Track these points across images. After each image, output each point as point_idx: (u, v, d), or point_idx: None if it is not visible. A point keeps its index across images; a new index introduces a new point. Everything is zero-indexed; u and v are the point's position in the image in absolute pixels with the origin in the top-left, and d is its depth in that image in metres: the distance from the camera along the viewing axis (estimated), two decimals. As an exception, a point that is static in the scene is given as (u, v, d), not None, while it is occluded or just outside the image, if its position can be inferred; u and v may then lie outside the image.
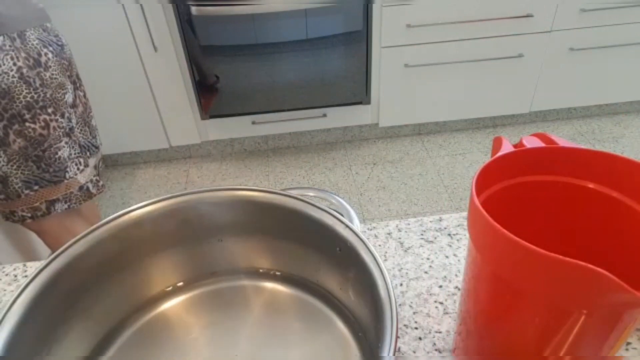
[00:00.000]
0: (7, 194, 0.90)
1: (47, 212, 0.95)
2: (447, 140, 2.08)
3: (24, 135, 0.85)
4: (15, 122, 0.84)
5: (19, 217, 0.94)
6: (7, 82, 0.80)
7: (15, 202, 0.92)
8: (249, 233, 0.48)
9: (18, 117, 0.83)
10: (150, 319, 0.47)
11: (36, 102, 0.85)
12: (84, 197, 0.99)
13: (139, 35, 1.66)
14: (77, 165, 0.96)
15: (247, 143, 2.10)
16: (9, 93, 0.81)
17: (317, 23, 1.66)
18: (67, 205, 0.97)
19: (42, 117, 0.86)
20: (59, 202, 0.96)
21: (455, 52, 1.80)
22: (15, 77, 0.81)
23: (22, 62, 0.82)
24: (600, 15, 1.76)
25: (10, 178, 0.88)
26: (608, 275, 0.23)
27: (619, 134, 2.05)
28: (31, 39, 0.83)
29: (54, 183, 0.93)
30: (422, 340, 0.44)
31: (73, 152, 0.95)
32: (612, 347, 0.30)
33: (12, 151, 0.86)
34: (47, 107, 0.87)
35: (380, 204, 1.78)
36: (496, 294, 0.31)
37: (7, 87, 0.81)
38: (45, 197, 0.93)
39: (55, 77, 0.88)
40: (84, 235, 0.41)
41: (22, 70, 0.82)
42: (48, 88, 0.86)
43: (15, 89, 0.81)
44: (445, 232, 0.56)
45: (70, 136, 0.94)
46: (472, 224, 0.31)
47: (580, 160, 0.34)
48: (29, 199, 0.92)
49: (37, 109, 0.85)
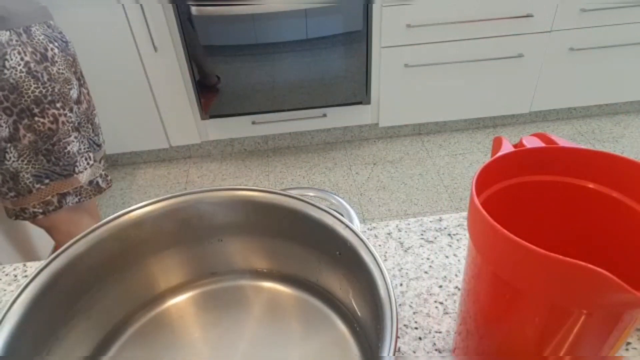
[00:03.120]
0: (18, 190, 0.90)
1: (58, 206, 0.95)
2: (447, 140, 2.08)
3: (33, 129, 0.86)
4: (24, 117, 0.84)
5: (30, 213, 0.94)
6: (15, 77, 0.80)
7: (26, 197, 0.92)
8: (249, 233, 0.48)
9: (27, 112, 0.84)
10: (150, 319, 0.47)
11: (44, 96, 0.85)
12: (94, 192, 1.00)
13: (139, 35, 1.66)
14: (87, 160, 0.97)
15: (247, 143, 2.10)
16: (17, 88, 0.81)
17: (317, 23, 1.66)
18: (77, 199, 0.97)
19: (50, 111, 0.87)
20: (70, 195, 0.96)
21: (455, 52, 1.80)
22: (23, 71, 0.81)
23: (29, 57, 0.82)
24: (600, 15, 1.76)
25: (21, 173, 0.88)
26: (608, 275, 0.23)
27: (619, 134, 2.05)
28: (37, 34, 0.84)
29: (64, 177, 0.93)
30: (422, 340, 0.44)
31: (82, 147, 0.95)
32: (612, 347, 0.30)
33: (22, 146, 0.86)
34: (55, 102, 0.87)
35: (380, 204, 1.78)
36: (496, 294, 0.31)
37: (16, 82, 0.81)
38: (56, 190, 0.93)
39: (61, 72, 0.88)
40: (84, 235, 0.41)
41: (29, 65, 0.82)
42: (56, 83, 0.87)
43: (23, 83, 0.82)
44: (445, 232, 0.56)
45: (79, 131, 0.94)
46: (472, 224, 0.31)
47: (580, 160, 0.34)
48: (41, 193, 0.92)
49: (45, 104, 0.86)
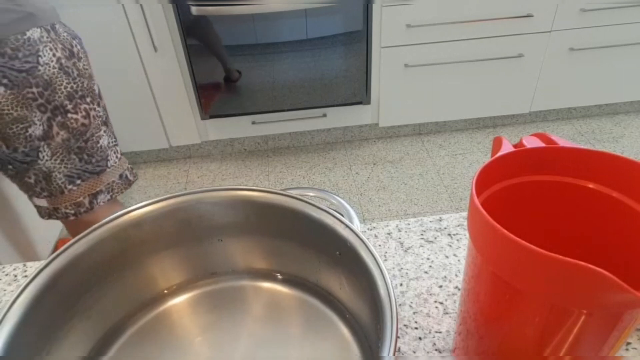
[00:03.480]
0: (51, 190, 0.90)
1: (89, 208, 0.94)
2: (447, 140, 2.08)
3: (66, 126, 0.86)
4: (58, 114, 0.84)
5: (62, 214, 0.94)
6: (49, 73, 0.81)
7: (58, 198, 0.91)
8: (249, 233, 0.48)
9: (61, 109, 0.84)
10: (150, 319, 0.47)
11: (75, 92, 0.85)
12: (124, 186, 1.00)
13: (139, 35, 1.66)
14: (115, 153, 0.97)
15: (247, 143, 2.10)
16: (51, 84, 0.82)
17: (317, 23, 1.66)
18: (109, 196, 0.97)
19: (82, 106, 0.87)
20: (101, 193, 0.96)
21: (455, 52, 1.80)
22: (55, 67, 0.82)
23: (60, 53, 0.83)
24: (600, 15, 1.76)
25: (54, 173, 0.88)
26: (608, 275, 0.23)
27: (619, 134, 2.05)
28: (60, 31, 0.84)
29: (96, 174, 0.93)
30: (422, 340, 0.44)
31: (111, 141, 0.96)
32: (612, 347, 0.30)
33: (55, 144, 0.86)
34: (85, 97, 0.88)
35: (380, 204, 1.78)
36: (496, 294, 0.31)
37: (49, 78, 0.81)
38: (88, 190, 0.93)
39: (86, 67, 0.89)
40: (84, 235, 0.41)
41: (61, 61, 0.83)
42: (84, 78, 0.87)
43: (56, 79, 0.82)
44: (445, 232, 0.56)
45: (107, 125, 0.95)
46: (472, 224, 0.31)
47: (580, 160, 0.34)
48: (72, 195, 0.92)
49: (77, 99, 0.86)
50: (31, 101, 0.80)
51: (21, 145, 0.82)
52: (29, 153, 0.84)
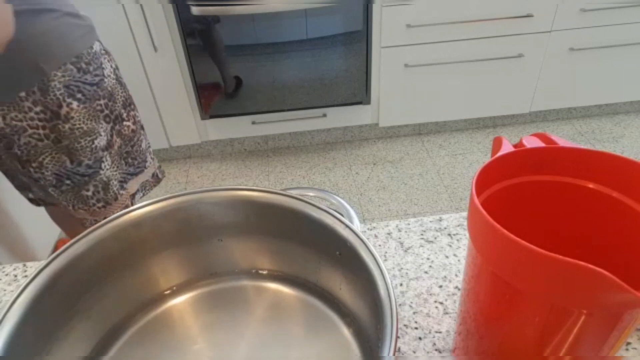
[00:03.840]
0: (107, 199, 0.89)
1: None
2: (447, 140, 2.08)
3: (121, 134, 0.88)
4: (117, 123, 0.86)
5: None
6: (110, 84, 0.83)
7: (112, 206, 0.91)
8: (249, 233, 0.48)
9: (119, 118, 0.86)
10: (150, 319, 0.47)
11: (126, 100, 0.88)
12: (154, 183, 1.02)
13: (139, 35, 1.66)
14: (150, 154, 1.00)
15: (247, 143, 2.10)
16: (112, 95, 0.84)
17: (317, 23, 1.66)
18: (142, 194, 0.99)
19: (132, 113, 0.90)
20: (137, 193, 0.97)
21: (455, 52, 1.80)
22: (113, 78, 0.84)
23: (114, 64, 0.85)
24: (600, 15, 1.76)
25: (112, 181, 0.89)
26: (608, 275, 0.23)
27: (619, 134, 2.05)
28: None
29: (135, 175, 0.95)
30: (422, 340, 0.44)
31: (147, 143, 0.99)
32: (612, 347, 0.30)
33: (114, 152, 0.87)
34: (132, 104, 0.90)
35: (380, 204, 1.78)
36: (496, 294, 0.31)
37: (112, 89, 0.83)
38: (131, 191, 0.95)
39: (121, 76, 0.91)
40: (84, 235, 0.41)
41: (116, 72, 0.85)
42: (127, 86, 0.90)
43: (115, 89, 0.84)
44: (445, 232, 0.56)
45: (143, 128, 0.97)
46: (472, 224, 0.31)
47: (580, 160, 0.34)
48: (122, 199, 0.92)
49: (128, 107, 0.89)
50: (99, 113, 0.81)
51: (86, 158, 0.82)
52: (93, 165, 0.84)
